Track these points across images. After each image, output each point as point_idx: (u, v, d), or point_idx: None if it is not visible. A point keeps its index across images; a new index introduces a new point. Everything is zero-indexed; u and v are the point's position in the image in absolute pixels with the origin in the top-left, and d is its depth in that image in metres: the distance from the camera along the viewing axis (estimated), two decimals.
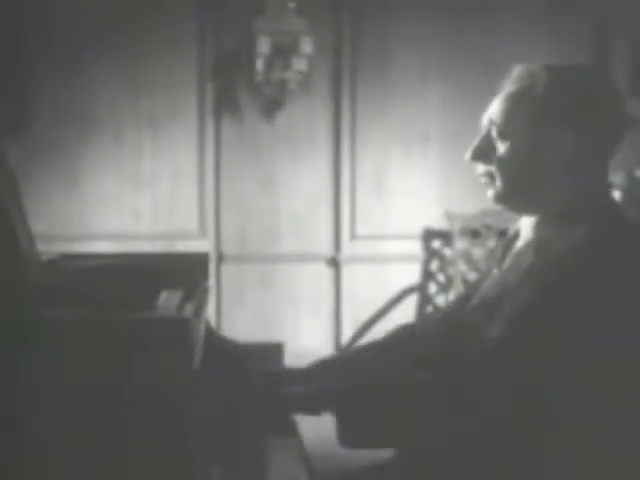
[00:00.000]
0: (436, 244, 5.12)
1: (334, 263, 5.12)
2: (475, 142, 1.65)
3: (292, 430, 1.70)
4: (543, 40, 5.02)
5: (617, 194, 4.69)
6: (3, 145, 1.78)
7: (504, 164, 1.61)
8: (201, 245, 4.90)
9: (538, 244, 1.59)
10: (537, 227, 1.62)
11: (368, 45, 5.07)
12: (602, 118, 1.58)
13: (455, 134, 5.00)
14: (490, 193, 1.64)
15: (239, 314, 5.03)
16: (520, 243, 1.67)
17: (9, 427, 1.27)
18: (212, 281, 4.60)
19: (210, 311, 3.76)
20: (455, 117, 5.04)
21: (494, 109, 1.63)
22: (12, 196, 1.63)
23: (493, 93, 1.71)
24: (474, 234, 4.98)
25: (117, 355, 1.28)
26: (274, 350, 2.04)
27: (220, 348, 1.83)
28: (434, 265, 5.13)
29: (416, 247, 5.12)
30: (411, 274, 5.10)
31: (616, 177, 4.66)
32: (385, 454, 1.76)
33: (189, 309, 1.56)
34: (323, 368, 1.84)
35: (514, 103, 1.60)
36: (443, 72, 5.11)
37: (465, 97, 4.98)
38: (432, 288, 5.11)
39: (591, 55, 5.08)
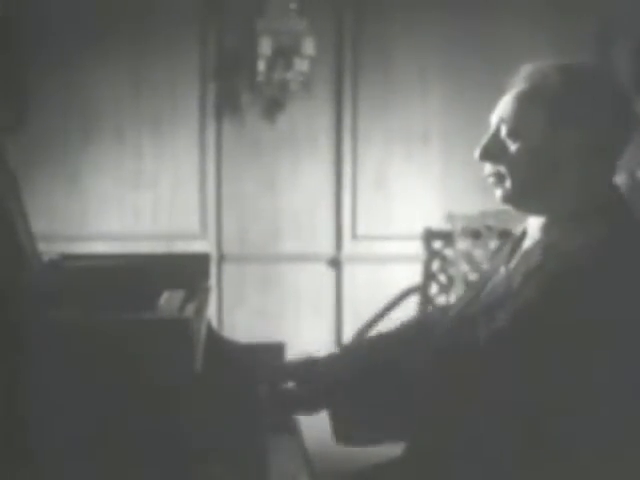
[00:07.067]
0: (437, 244, 5.11)
1: (335, 263, 5.12)
2: (484, 141, 1.60)
3: (293, 430, 1.70)
4: (545, 40, 5.01)
5: None
6: (3, 144, 1.78)
7: (515, 164, 1.57)
8: (202, 245, 4.89)
9: (546, 245, 1.56)
10: (546, 228, 1.59)
11: (369, 46, 5.07)
12: (615, 119, 1.56)
13: (456, 135, 4.99)
14: (498, 193, 1.60)
15: (240, 314, 5.03)
16: (528, 243, 1.64)
17: (9, 426, 1.27)
18: (213, 281, 4.59)
19: (211, 311, 3.75)
20: (456, 118, 5.04)
21: (504, 108, 1.59)
22: (13, 196, 1.63)
23: (494, 93, 1.69)
24: (475, 235, 4.97)
25: (118, 355, 1.27)
26: (275, 350, 2.04)
27: (220, 348, 1.83)
28: (435, 265, 5.12)
29: (417, 247, 5.11)
30: (412, 274, 5.10)
31: (618, 177, 4.65)
32: (387, 453, 1.76)
33: (190, 309, 1.56)
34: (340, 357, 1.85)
35: (526, 103, 1.56)
36: (444, 73, 5.10)
37: (466, 97, 4.98)
38: (433, 289, 5.10)
39: (593, 55, 5.07)
